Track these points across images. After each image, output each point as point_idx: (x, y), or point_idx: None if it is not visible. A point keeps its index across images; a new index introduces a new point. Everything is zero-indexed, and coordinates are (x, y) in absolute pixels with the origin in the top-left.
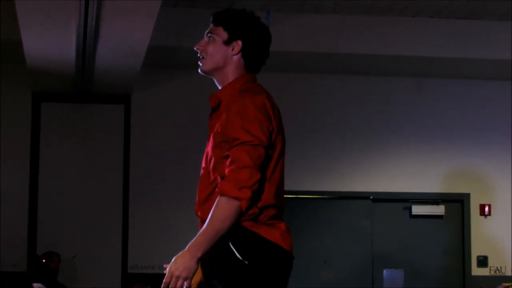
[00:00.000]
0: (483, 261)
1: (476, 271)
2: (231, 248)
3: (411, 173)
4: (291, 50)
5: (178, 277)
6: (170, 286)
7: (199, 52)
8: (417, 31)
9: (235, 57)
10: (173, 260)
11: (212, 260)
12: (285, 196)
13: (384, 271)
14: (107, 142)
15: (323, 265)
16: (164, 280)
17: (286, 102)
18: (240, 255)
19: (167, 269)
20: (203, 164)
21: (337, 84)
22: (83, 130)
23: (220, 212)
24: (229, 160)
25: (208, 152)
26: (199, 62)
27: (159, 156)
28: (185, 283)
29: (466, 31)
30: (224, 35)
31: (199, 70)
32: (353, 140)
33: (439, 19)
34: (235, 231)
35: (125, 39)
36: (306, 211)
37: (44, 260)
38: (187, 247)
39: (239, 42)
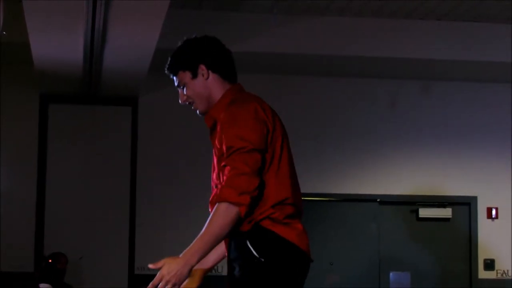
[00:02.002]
0: (490, 264)
1: (483, 274)
2: (249, 246)
3: (418, 176)
4: (298, 53)
5: (168, 282)
6: None
7: (187, 103)
8: (424, 34)
9: (210, 79)
10: (166, 262)
11: (231, 258)
12: None
13: (391, 274)
14: (115, 144)
15: (330, 267)
16: (152, 281)
17: (293, 104)
18: (257, 253)
19: (160, 271)
20: (214, 181)
21: (344, 86)
22: (90, 132)
23: (220, 218)
24: (227, 168)
25: (214, 166)
26: (193, 109)
27: (166, 158)
28: None
29: (473, 33)
30: (187, 74)
31: (198, 114)
32: (360, 143)
33: (447, 21)
34: (252, 229)
35: (133, 42)
36: (313, 213)
37: (50, 261)
38: (182, 253)
39: (202, 66)
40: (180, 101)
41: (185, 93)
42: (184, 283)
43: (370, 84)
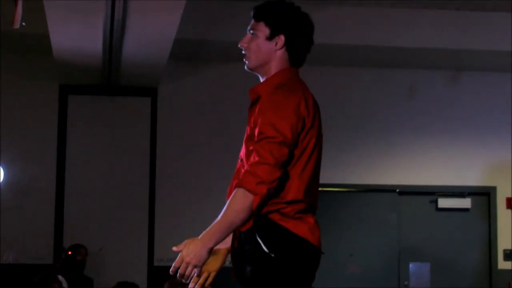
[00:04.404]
0: (509, 255)
1: (502, 264)
2: (258, 241)
3: (437, 166)
4: (318, 43)
5: (188, 264)
6: (179, 271)
7: (242, 51)
8: (443, 24)
9: (279, 52)
10: (185, 245)
11: (240, 250)
12: None
13: (410, 265)
14: (134, 135)
15: (349, 258)
16: (174, 264)
17: (314, 95)
18: (266, 248)
19: (180, 253)
20: (241, 156)
21: (362, 76)
22: (109, 122)
23: (235, 203)
24: (253, 154)
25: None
26: (244, 60)
27: (185, 149)
28: (195, 270)
29: (493, 23)
30: (266, 30)
31: (245, 67)
32: (379, 133)
33: (465, 11)
34: (262, 223)
35: (152, 32)
36: (332, 204)
37: (70, 253)
38: (200, 235)
39: (282, 37)
40: (240, 43)
41: (249, 41)
42: (206, 263)
43: (388, 74)
